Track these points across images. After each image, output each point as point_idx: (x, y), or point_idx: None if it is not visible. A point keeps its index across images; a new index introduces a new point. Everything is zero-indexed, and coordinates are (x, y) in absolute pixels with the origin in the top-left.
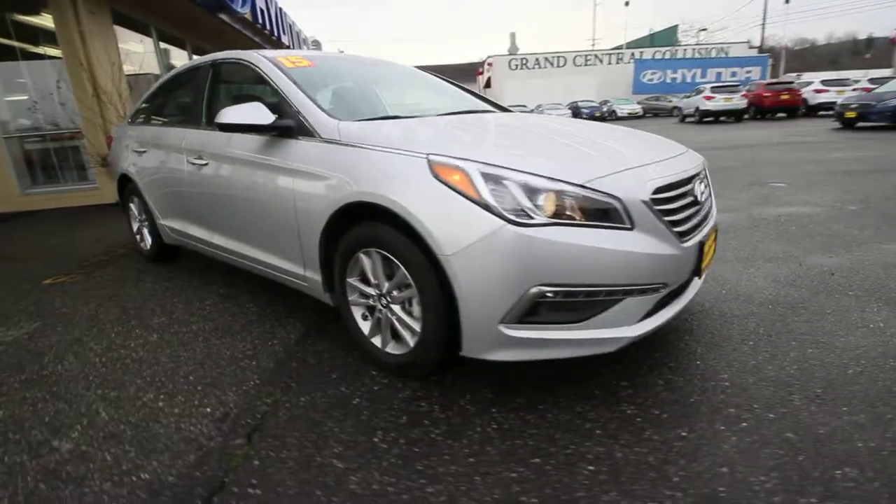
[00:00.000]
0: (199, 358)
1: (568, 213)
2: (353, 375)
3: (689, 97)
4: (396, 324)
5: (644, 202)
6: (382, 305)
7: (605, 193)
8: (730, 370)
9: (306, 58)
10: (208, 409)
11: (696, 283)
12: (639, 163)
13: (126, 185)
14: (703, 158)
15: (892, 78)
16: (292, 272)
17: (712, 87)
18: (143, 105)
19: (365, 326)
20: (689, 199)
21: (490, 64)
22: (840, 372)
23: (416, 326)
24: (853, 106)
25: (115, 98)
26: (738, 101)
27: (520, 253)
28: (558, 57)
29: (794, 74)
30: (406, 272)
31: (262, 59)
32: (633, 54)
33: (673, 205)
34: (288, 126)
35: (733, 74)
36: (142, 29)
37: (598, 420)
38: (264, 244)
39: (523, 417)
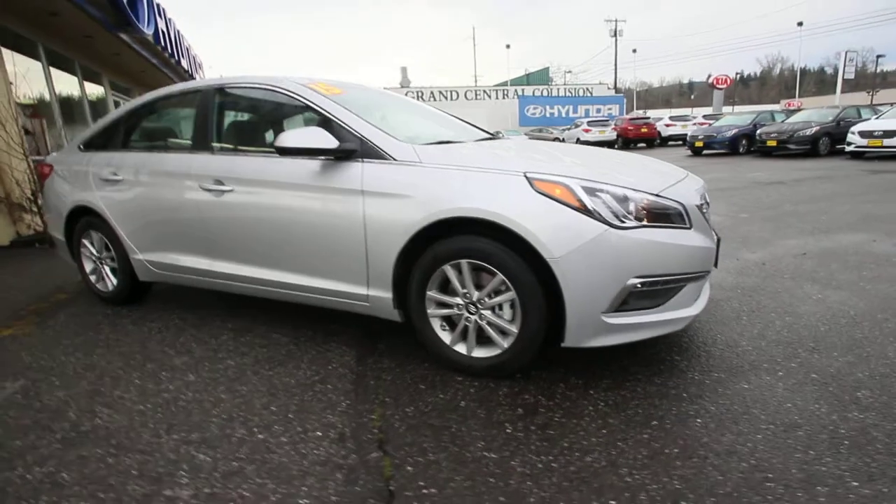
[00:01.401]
0: (263, 390)
1: (649, 217)
2: (441, 384)
3: (569, 129)
4: (488, 328)
5: (697, 206)
6: (470, 313)
7: (673, 200)
8: (743, 338)
9: (336, 85)
10: (318, 433)
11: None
12: (676, 179)
13: (79, 219)
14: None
15: (720, 115)
16: (351, 293)
17: (588, 122)
18: (106, 130)
19: (445, 336)
20: (705, 206)
21: None
22: (816, 330)
23: (512, 328)
24: (700, 137)
25: (7, 127)
26: (609, 133)
27: (620, 251)
28: (451, 91)
29: (641, 111)
30: (504, 278)
31: (300, 86)
32: (516, 91)
33: (704, 210)
34: (352, 150)
35: (598, 111)
36: (29, 50)
37: (678, 387)
38: (314, 269)
39: (619, 394)
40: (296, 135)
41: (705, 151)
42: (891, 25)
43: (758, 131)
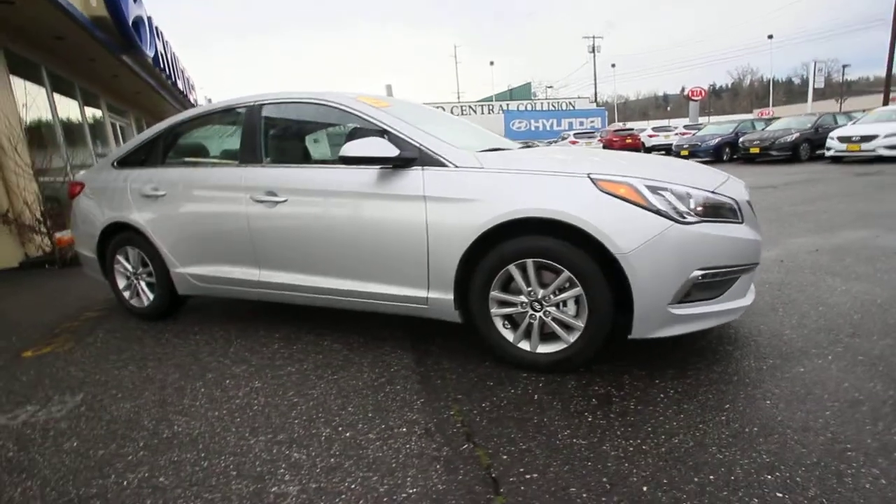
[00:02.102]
0: (334, 392)
1: (707, 212)
2: (508, 380)
3: (556, 142)
4: (553, 324)
5: (747, 202)
6: (534, 310)
7: (727, 197)
8: (785, 328)
9: (382, 99)
10: (403, 429)
11: None
12: (724, 178)
13: (113, 236)
14: None
15: (699, 125)
16: (410, 297)
17: (575, 134)
18: (143, 147)
19: (508, 334)
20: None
21: None
22: (850, 318)
23: (578, 322)
24: (685, 146)
25: (19, 149)
26: (595, 145)
27: (683, 245)
28: (438, 106)
29: (621, 123)
30: (570, 274)
31: (352, 100)
32: (501, 105)
33: (752, 206)
34: (412, 157)
35: (581, 123)
36: (33, 73)
37: (738, 373)
38: (372, 274)
39: (685, 382)
40: (360, 144)
41: (691, 160)
42: (855, 36)
43: (740, 139)
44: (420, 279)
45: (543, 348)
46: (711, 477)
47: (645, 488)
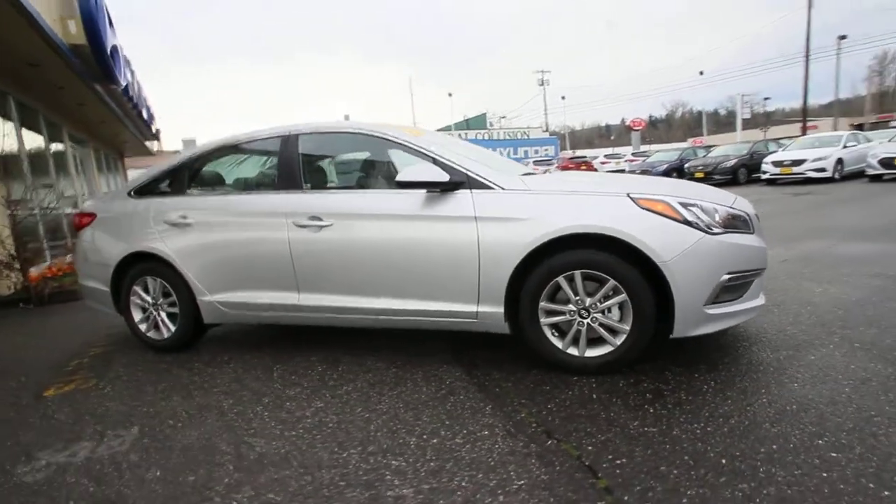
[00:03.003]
0: (400, 406)
1: (728, 224)
2: (562, 384)
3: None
4: (600, 329)
5: (756, 215)
6: (582, 317)
7: (742, 210)
8: (786, 325)
9: (415, 130)
10: (485, 432)
11: None
12: (734, 196)
13: (129, 267)
14: None
15: (645, 153)
16: (460, 311)
17: (534, 162)
18: (165, 176)
19: (556, 341)
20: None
21: None
22: (836, 314)
23: (624, 326)
24: (637, 172)
25: None
26: (554, 171)
27: (714, 252)
28: None
29: (572, 151)
30: (616, 283)
31: (396, 130)
32: (459, 135)
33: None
34: (460, 181)
35: (536, 151)
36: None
37: (762, 363)
38: (421, 293)
39: (720, 374)
40: (414, 170)
41: None
42: (774, 72)
43: (685, 165)
44: (470, 295)
45: (591, 352)
46: (774, 446)
47: (723, 461)
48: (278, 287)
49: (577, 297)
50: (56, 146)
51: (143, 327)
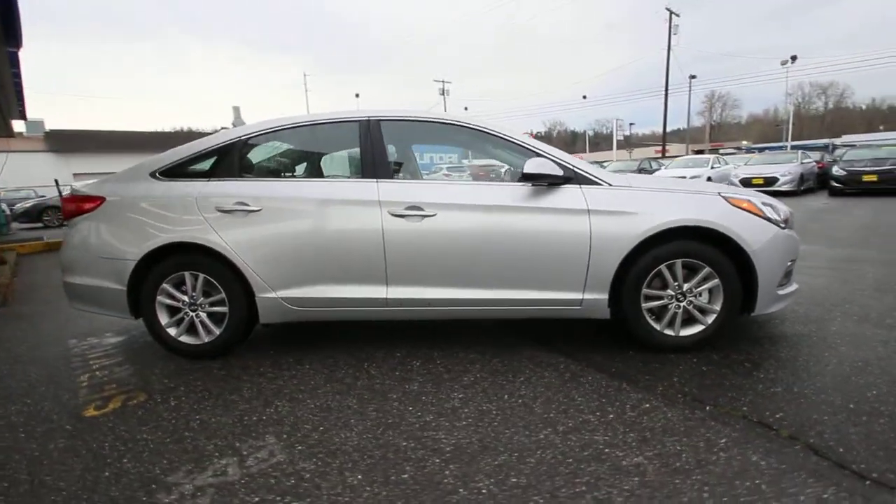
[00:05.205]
0: (540, 389)
1: (787, 221)
2: (668, 360)
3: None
4: (694, 311)
5: (791, 213)
6: (679, 301)
7: (788, 211)
8: (799, 307)
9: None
10: (646, 405)
11: None
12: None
13: (156, 261)
14: None
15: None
16: (564, 300)
17: (447, 168)
18: (207, 155)
19: (654, 324)
20: None
21: None
22: (835, 296)
23: (714, 307)
24: None
25: None
26: (467, 178)
27: (784, 243)
28: None
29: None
30: (710, 269)
31: (483, 124)
32: None
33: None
34: (570, 177)
35: (441, 158)
36: None
37: (805, 334)
38: (528, 282)
39: (785, 345)
40: (537, 164)
41: None
42: (634, 102)
43: None
44: (577, 283)
45: (685, 332)
46: (875, 391)
47: (851, 406)
48: (364, 280)
49: (676, 283)
50: None
51: (172, 331)
